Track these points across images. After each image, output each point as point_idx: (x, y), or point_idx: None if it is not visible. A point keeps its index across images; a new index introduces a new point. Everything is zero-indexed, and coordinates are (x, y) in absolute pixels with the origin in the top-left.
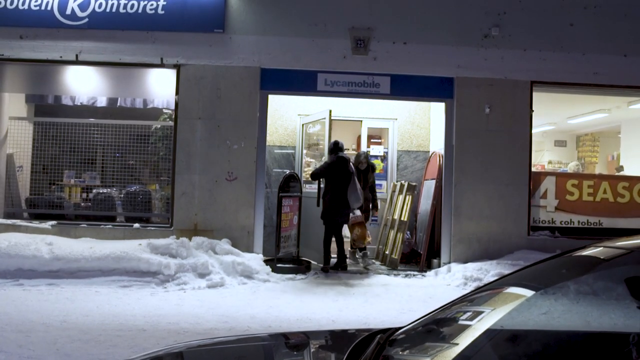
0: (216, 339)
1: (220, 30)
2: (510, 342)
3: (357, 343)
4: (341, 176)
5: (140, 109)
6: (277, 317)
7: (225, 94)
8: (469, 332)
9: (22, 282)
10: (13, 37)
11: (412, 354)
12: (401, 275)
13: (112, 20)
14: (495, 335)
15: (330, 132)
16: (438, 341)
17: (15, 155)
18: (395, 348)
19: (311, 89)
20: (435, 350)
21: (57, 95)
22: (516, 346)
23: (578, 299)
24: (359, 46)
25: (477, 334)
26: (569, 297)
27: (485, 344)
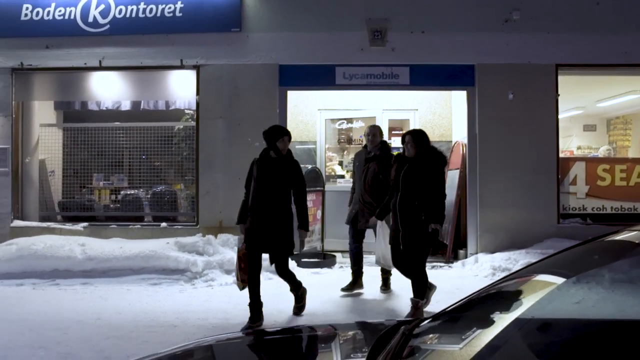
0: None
1: (237, 29)
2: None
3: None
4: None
5: (163, 111)
6: (304, 314)
7: (245, 92)
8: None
9: (58, 282)
10: (40, 47)
11: (438, 345)
12: (427, 267)
13: (132, 25)
14: (524, 325)
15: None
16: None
17: (47, 161)
18: (420, 338)
19: (330, 83)
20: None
21: (84, 101)
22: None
23: (612, 286)
24: (376, 38)
25: (505, 324)
26: (603, 284)
27: (514, 334)
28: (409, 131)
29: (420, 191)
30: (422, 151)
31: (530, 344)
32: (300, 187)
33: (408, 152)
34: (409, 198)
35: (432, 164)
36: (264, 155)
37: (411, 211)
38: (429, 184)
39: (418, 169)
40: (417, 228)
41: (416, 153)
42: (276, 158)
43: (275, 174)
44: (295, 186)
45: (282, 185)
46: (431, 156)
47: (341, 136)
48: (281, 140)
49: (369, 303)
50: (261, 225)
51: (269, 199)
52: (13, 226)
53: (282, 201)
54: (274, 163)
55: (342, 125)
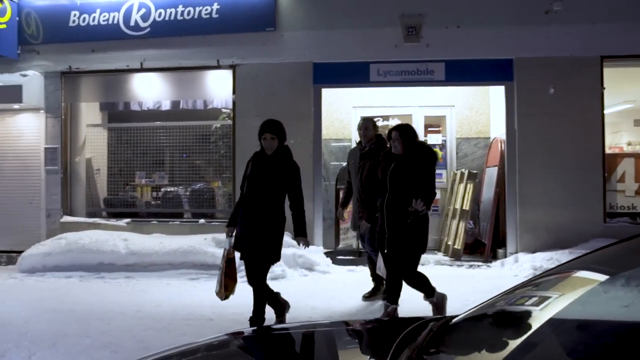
0: (278, 327)
1: (272, 28)
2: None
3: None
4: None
5: (201, 110)
6: (338, 308)
7: (280, 91)
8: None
9: (103, 274)
10: (86, 52)
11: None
12: (465, 266)
13: (171, 28)
14: (560, 325)
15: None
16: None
17: (93, 160)
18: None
19: (364, 80)
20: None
21: (127, 102)
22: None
23: None
24: (411, 34)
25: (540, 323)
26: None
27: (549, 334)
28: (395, 126)
29: (409, 190)
30: (411, 147)
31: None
32: (295, 190)
33: (395, 149)
34: (397, 198)
35: (421, 161)
36: (258, 153)
37: (399, 212)
38: (418, 182)
39: (406, 166)
40: (404, 230)
41: (404, 150)
42: (270, 157)
43: (266, 174)
44: (289, 189)
45: (273, 187)
46: (420, 152)
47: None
48: (262, 139)
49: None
50: (246, 229)
51: (257, 201)
52: (63, 221)
53: (271, 205)
54: (266, 162)
55: (377, 123)
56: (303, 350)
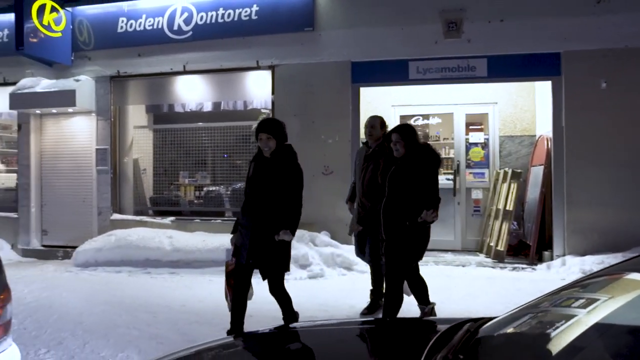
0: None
1: (310, 28)
2: (629, 338)
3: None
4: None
5: (241, 111)
6: None
7: (318, 90)
8: (577, 323)
9: (149, 270)
10: (133, 56)
11: (505, 344)
12: (508, 268)
13: (212, 31)
14: (609, 329)
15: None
16: (538, 332)
17: (140, 160)
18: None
19: (403, 78)
20: (532, 342)
21: (170, 104)
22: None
23: None
24: (451, 29)
25: (586, 326)
26: None
27: (596, 339)
28: (395, 128)
29: (409, 195)
30: (412, 150)
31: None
32: (292, 194)
33: (396, 152)
34: (396, 203)
35: (423, 164)
36: (258, 155)
37: (397, 219)
38: (420, 187)
39: (407, 170)
40: (401, 237)
41: (405, 152)
42: (270, 159)
43: (266, 177)
44: (287, 192)
45: (275, 191)
46: (423, 155)
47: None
48: (259, 140)
49: (442, 304)
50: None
51: (259, 206)
52: (112, 219)
53: (275, 210)
54: (266, 165)
55: (417, 121)
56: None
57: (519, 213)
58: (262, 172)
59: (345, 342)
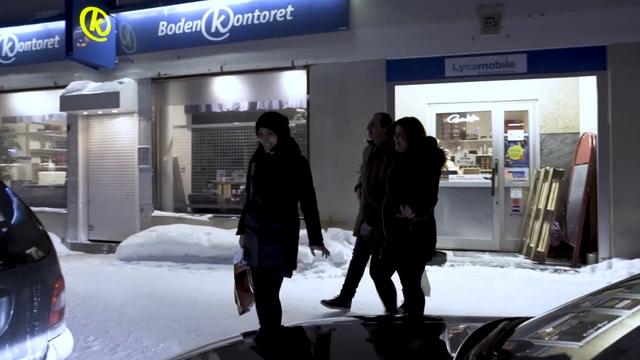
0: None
1: (345, 27)
2: None
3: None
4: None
5: (277, 110)
6: None
7: (353, 89)
8: (620, 325)
9: (188, 265)
10: (172, 58)
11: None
12: (549, 270)
13: (248, 32)
14: None
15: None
16: (578, 332)
17: (179, 159)
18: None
19: (439, 75)
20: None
21: (208, 104)
22: None
23: None
24: (489, 25)
25: (630, 328)
26: None
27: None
28: (398, 120)
29: (410, 193)
30: (416, 145)
31: None
32: (304, 189)
33: (399, 147)
34: (397, 202)
35: (426, 161)
36: (259, 152)
37: (399, 220)
38: (418, 184)
39: (409, 166)
40: (404, 238)
41: (408, 147)
42: (272, 155)
43: (270, 175)
44: (298, 189)
45: (281, 189)
46: (426, 151)
47: (454, 131)
48: (259, 135)
49: (479, 304)
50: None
51: (263, 206)
52: (154, 215)
53: (280, 210)
54: (268, 161)
55: (454, 120)
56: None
57: (561, 213)
58: (265, 170)
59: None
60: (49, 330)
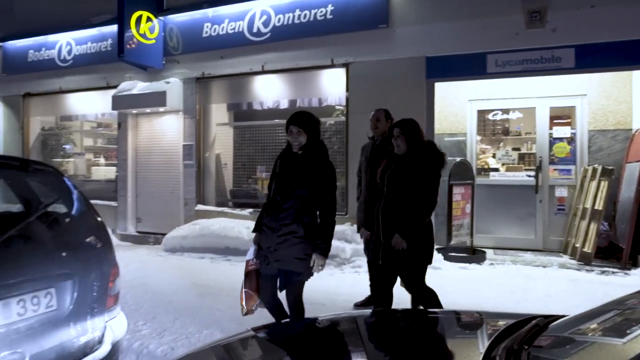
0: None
1: (384, 25)
2: None
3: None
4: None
5: (316, 107)
6: (447, 304)
7: (392, 87)
8: None
9: (229, 257)
10: (216, 58)
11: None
12: (595, 272)
13: (289, 32)
14: None
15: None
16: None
17: (221, 155)
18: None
19: (480, 72)
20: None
21: (249, 102)
22: None
23: None
24: (534, 19)
25: None
26: None
27: None
28: (396, 122)
29: (408, 196)
30: (415, 147)
31: None
32: (325, 195)
33: (397, 149)
34: (395, 205)
35: (425, 164)
36: (286, 151)
37: (396, 221)
38: (416, 188)
39: (408, 168)
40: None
41: (407, 149)
42: (299, 155)
43: (294, 175)
44: (318, 193)
45: (302, 190)
46: (425, 153)
47: (496, 127)
48: (288, 133)
49: (518, 304)
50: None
51: (285, 207)
52: (197, 209)
53: (301, 212)
54: (295, 161)
55: (496, 116)
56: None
57: (609, 213)
58: (290, 169)
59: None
60: (106, 312)
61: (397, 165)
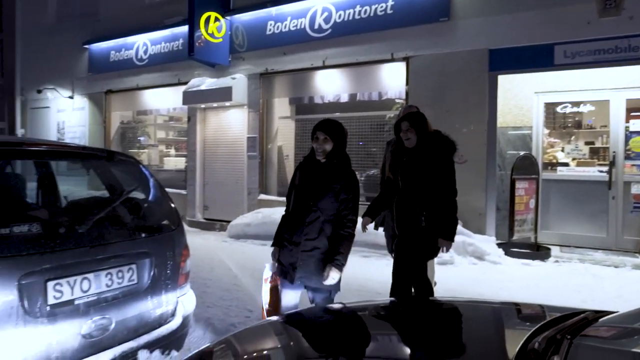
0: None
1: (445, 18)
2: None
3: (563, 316)
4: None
5: (376, 101)
6: (506, 299)
7: (453, 80)
8: None
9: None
10: (278, 55)
11: (622, 335)
12: None
13: (349, 27)
14: None
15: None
16: None
17: (283, 147)
18: (602, 327)
19: (547, 63)
20: None
21: (311, 96)
22: None
23: None
24: (608, 7)
25: None
26: None
27: None
28: (404, 116)
29: (424, 188)
30: (424, 138)
31: None
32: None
33: (408, 142)
34: (410, 198)
35: (437, 153)
36: (308, 159)
37: (411, 216)
38: (435, 181)
39: (420, 161)
40: (416, 234)
41: (417, 141)
42: (323, 164)
43: (317, 185)
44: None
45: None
46: (436, 143)
47: (567, 120)
48: (314, 139)
49: (584, 303)
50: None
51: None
52: (259, 198)
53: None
54: (318, 170)
55: (565, 109)
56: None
57: None
58: (312, 179)
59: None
60: (178, 289)
61: (409, 159)
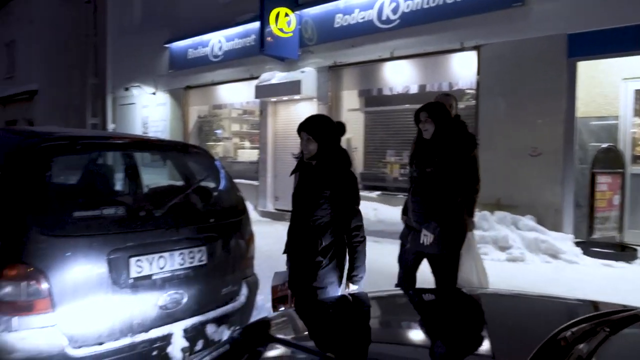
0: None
1: (520, 3)
2: None
3: (608, 312)
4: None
5: (447, 92)
6: None
7: (527, 68)
8: None
9: None
10: (346, 47)
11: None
12: None
13: (417, 17)
14: None
15: None
16: None
17: (352, 139)
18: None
19: (635, 47)
20: None
21: (379, 88)
22: None
23: None
24: None
25: None
26: None
27: None
28: (423, 106)
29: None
30: (442, 130)
31: None
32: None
33: (426, 133)
34: (424, 189)
35: (456, 146)
36: (302, 160)
37: (430, 207)
38: (448, 173)
39: (434, 153)
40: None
41: (435, 132)
42: (314, 165)
43: (308, 189)
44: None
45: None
46: (454, 135)
47: None
48: (301, 140)
49: None
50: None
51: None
52: None
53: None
54: (309, 173)
55: None
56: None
57: None
58: (305, 184)
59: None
60: (243, 271)
61: (425, 150)
